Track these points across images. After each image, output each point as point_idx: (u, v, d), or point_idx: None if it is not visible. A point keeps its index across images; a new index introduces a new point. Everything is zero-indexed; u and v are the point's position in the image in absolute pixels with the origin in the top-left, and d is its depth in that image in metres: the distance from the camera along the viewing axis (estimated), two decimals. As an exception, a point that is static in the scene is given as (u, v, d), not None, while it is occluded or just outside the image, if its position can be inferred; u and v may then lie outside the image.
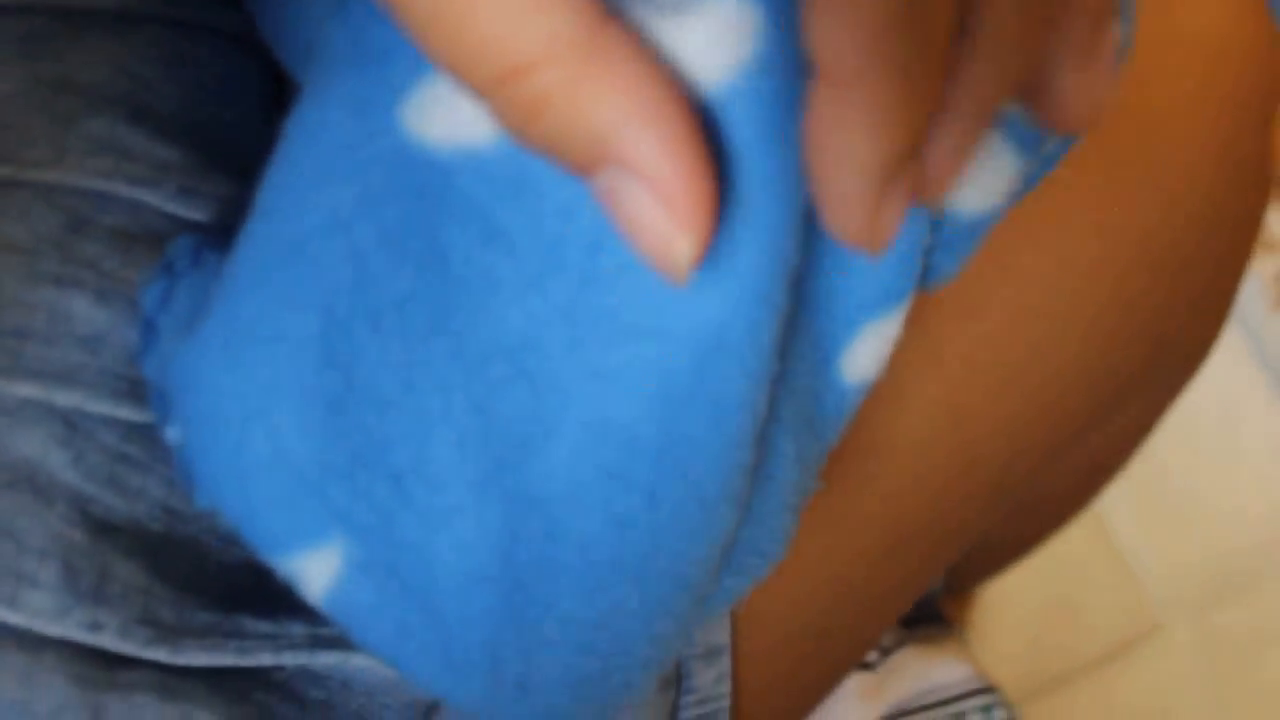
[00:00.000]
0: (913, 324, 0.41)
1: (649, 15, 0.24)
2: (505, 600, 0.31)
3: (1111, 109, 0.42)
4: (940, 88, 0.24)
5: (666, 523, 0.30)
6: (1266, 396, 1.08)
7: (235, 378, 0.31)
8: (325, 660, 0.38)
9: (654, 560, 0.30)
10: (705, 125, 0.24)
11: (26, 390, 0.34)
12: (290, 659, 0.37)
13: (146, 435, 0.36)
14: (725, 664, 0.47)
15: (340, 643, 0.38)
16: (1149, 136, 0.47)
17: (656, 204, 0.22)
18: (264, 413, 0.30)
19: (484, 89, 0.22)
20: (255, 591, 0.38)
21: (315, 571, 0.32)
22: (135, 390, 0.36)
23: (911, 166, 0.24)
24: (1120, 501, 1.06)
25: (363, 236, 0.29)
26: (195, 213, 0.38)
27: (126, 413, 0.36)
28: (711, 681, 0.47)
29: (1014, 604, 1.03)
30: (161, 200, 0.37)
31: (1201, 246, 0.50)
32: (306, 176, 0.30)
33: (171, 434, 0.33)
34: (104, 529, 0.35)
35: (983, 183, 0.35)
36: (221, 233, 0.39)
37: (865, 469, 0.47)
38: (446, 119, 0.28)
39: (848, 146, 0.23)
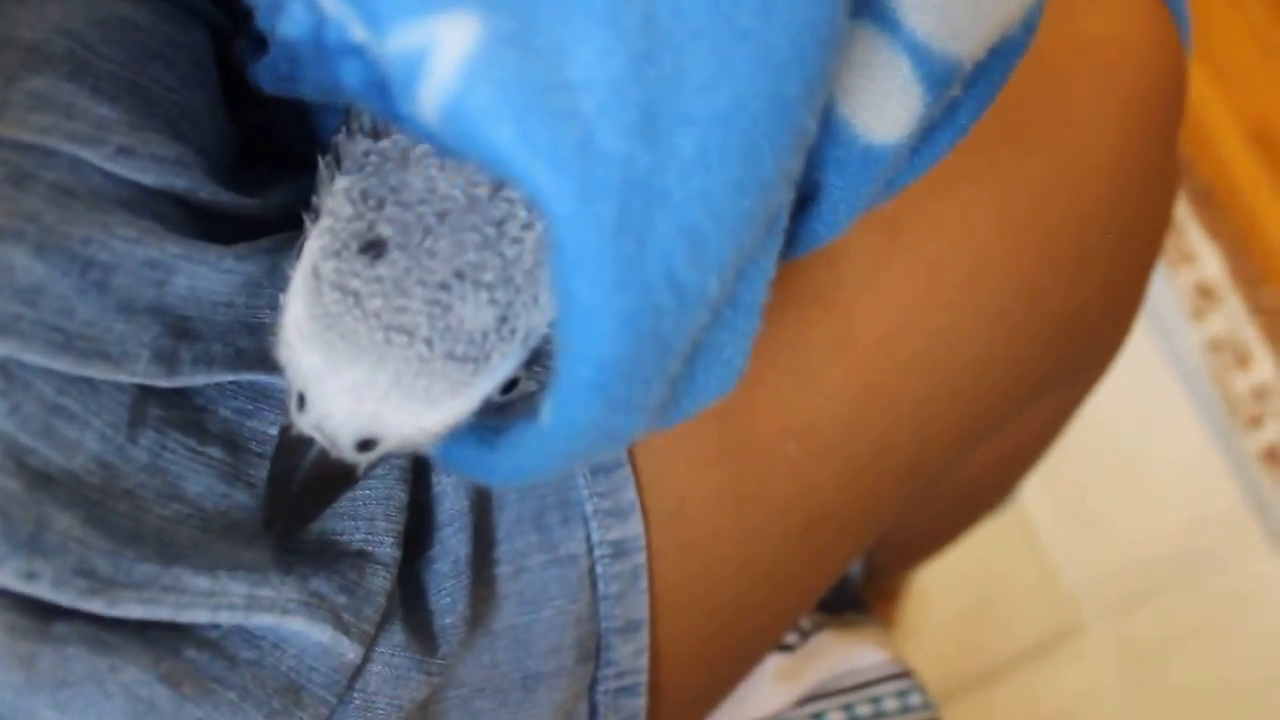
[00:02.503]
0: (827, 310, 0.42)
1: None
2: (642, 117, 0.29)
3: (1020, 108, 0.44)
4: None
5: (769, 86, 0.30)
6: (1182, 408, 1.10)
7: None
8: (260, 621, 0.38)
9: (754, 130, 0.30)
10: None
11: None
12: (226, 617, 0.38)
13: (83, 388, 0.37)
14: (644, 639, 0.48)
15: (278, 604, 0.38)
16: (1051, 136, 0.49)
17: None
18: None
19: None
20: (195, 549, 0.38)
21: (451, 38, 0.28)
22: (71, 343, 0.36)
23: None
24: (1043, 509, 1.07)
25: None
26: (135, 173, 0.38)
27: (63, 365, 0.36)
28: (630, 655, 0.48)
29: (940, 605, 1.04)
30: (101, 158, 0.37)
31: (1103, 243, 0.51)
32: None
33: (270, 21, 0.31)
34: (40, 480, 0.36)
35: (889, 113, 0.37)
36: (174, 197, 0.40)
37: (784, 451, 0.48)
38: None
39: None
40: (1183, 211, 1.10)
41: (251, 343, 0.39)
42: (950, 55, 0.36)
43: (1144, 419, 1.09)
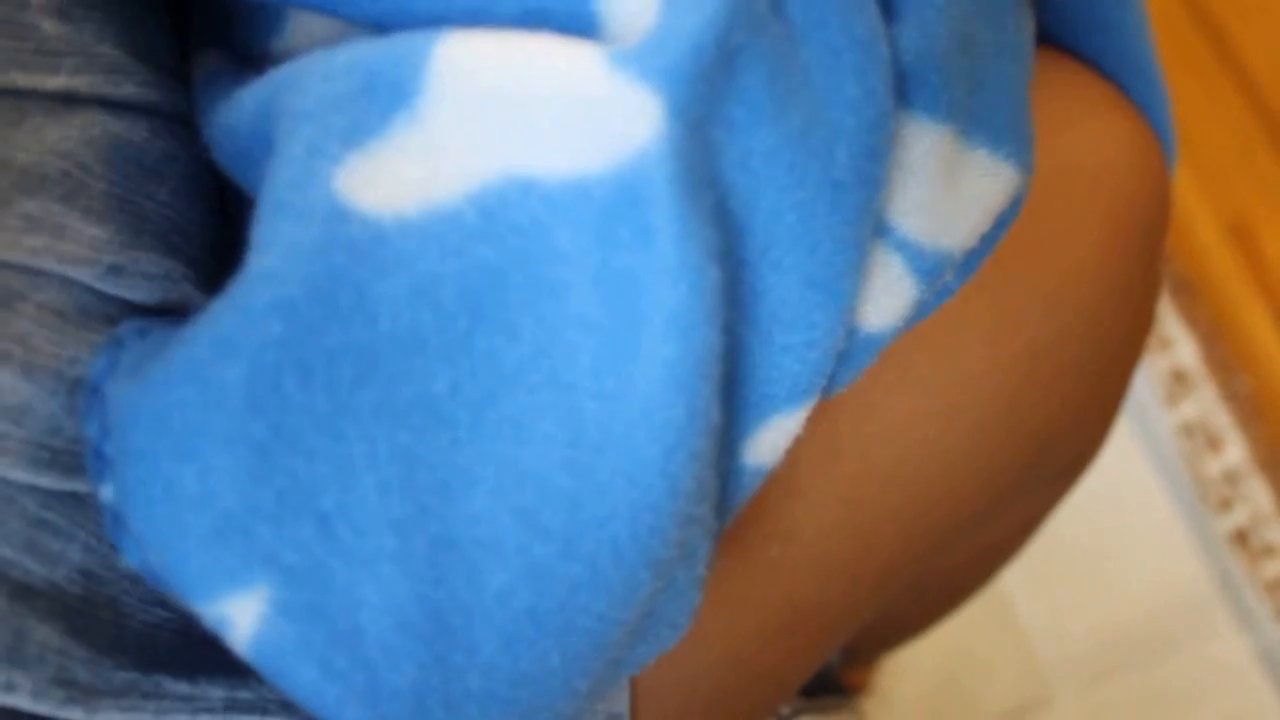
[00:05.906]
0: (814, 422, 0.43)
1: None
2: (430, 647, 0.31)
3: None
4: None
5: (583, 575, 0.31)
6: (1155, 487, 1.11)
7: (169, 419, 0.31)
8: None
9: (570, 613, 0.31)
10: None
11: None
12: None
13: (68, 503, 0.37)
14: (624, 733, 0.48)
15: (257, 706, 0.38)
16: (1035, 255, 0.50)
17: None
18: (194, 453, 0.31)
19: None
20: (175, 653, 0.38)
21: (241, 615, 0.32)
22: (57, 459, 0.36)
23: None
24: (1015, 584, 1.08)
25: (293, 289, 0.30)
26: (125, 290, 0.38)
27: (48, 481, 0.36)
28: (610, 749, 0.48)
29: (912, 676, 1.04)
30: (92, 278, 0.38)
31: (1081, 359, 0.52)
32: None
33: (105, 492, 0.34)
34: (22, 592, 0.36)
35: (885, 305, 0.38)
36: (166, 312, 0.40)
37: (766, 554, 0.49)
38: (378, 184, 0.29)
39: None
40: (1160, 299, 1.11)
41: None
42: (942, 249, 0.37)
43: (1117, 499, 1.10)
